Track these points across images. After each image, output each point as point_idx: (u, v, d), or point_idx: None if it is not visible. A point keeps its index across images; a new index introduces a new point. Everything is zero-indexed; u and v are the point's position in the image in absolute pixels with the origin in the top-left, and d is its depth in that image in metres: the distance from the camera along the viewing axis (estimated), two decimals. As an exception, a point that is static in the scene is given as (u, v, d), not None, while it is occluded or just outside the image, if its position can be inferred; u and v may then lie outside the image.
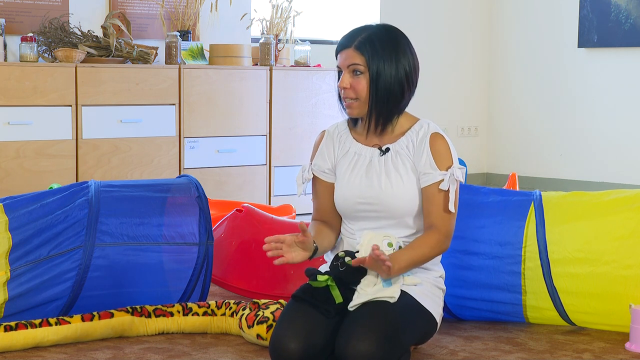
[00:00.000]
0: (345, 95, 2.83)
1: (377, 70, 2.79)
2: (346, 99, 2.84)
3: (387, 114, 2.84)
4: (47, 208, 3.18)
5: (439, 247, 2.80)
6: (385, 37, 2.81)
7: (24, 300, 3.10)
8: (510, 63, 7.70)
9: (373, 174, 2.85)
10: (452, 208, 2.79)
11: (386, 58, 2.79)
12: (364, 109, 2.83)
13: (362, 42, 2.80)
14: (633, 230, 3.14)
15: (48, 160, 5.24)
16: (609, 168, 7.10)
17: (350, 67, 2.81)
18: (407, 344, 2.69)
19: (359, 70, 2.80)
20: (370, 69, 2.79)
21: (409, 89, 2.84)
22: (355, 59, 2.80)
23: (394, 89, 2.81)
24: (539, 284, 3.21)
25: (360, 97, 2.81)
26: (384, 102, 2.81)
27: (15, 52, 5.54)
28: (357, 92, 2.81)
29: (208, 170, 5.81)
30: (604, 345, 3.10)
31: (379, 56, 2.79)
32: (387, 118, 2.84)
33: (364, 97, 2.81)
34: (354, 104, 2.83)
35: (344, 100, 2.85)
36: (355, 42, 2.81)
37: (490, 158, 7.91)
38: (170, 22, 6.10)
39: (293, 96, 6.12)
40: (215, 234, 3.73)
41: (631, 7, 6.85)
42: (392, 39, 2.82)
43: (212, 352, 2.99)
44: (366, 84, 2.80)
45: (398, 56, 2.81)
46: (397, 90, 2.81)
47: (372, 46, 2.79)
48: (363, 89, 2.80)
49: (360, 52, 2.79)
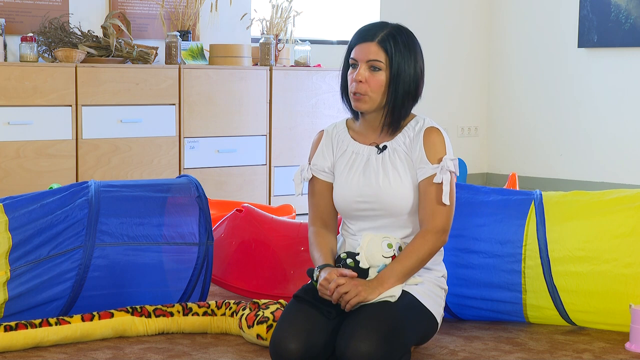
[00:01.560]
0: (357, 89, 2.80)
1: (399, 68, 2.78)
2: (357, 93, 2.81)
3: (404, 112, 2.83)
4: (47, 208, 3.18)
5: (435, 245, 2.79)
6: (405, 37, 2.81)
7: (24, 300, 3.10)
8: (510, 63, 7.70)
9: (371, 172, 2.85)
10: (446, 200, 2.76)
11: (407, 57, 2.79)
12: (373, 104, 2.82)
13: (385, 38, 2.78)
14: (633, 228, 3.14)
15: (48, 160, 5.24)
16: (609, 168, 7.10)
17: (370, 62, 2.78)
18: (408, 344, 2.69)
19: (378, 66, 2.78)
20: (391, 66, 2.78)
21: (422, 89, 2.86)
22: (377, 55, 2.78)
23: (411, 88, 2.81)
24: (539, 282, 3.21)
25: (372, 93, 2.79)
26: (402, 100, 2.80)
27: (15, 52, 5.53)
28: (371, 88, 2.79)
29: (208, 170, 5.80)
30: (604, 345, 3.10)
31: (400, 54, 2.78)
32: (402, 115, 2.84)
33: (377, 93, 2.79)
34: (364, 98, 2.80)
35: (354, 93, 2.82)
36: (379, 37, 2.78)
37: (490, 158, 7.91)
38: (170, 22, 6.09)
39: (293, 96, 6.12)
40: (215, 234, 3.73)
41: (631, 7, 6.84)
42: (410, 39, 2.82)
43: (212, 352, 2.99)
44: (384, 80, 2.78)
45: (416, 56, 2.81)
46: (414, 90, 2.82)
47: (395, 44, 2.78)
48: (378, 86, 2.78)
49: (383, 48, 2.78)
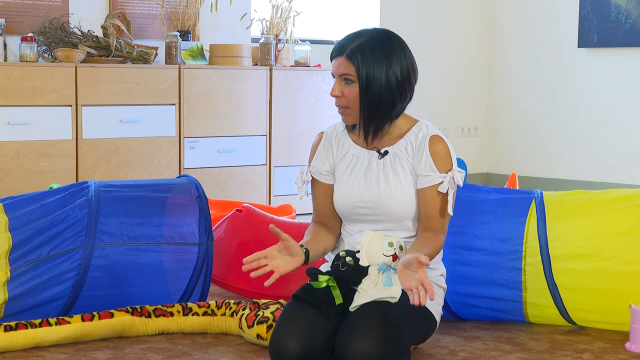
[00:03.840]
0: (338, 103, 2.83)
1: (367, 79, 2.76)
2: (339, 107, 2.83)
3: (379, 122, 2.82)
4: (47, 208, 3.18)
5: (441, 245, 2.82)
6: (377, 45, 2.78)
7: (24, 300, 3.10)
8: (510, 63, 7.70)
9: (372, 177, 2.85)
10: (450, 211, 2.80)
11: (376, 67, 2.76)
12: (356, 116, 2.82)
13: (353, 51, 2.77)
14: (634, 226, 3.15)
15: (48, 160, 5.24)
16: (609, 168, 7.10)
17: (342, 75, 2.79)
18: (408, 344, 2.69)
19: (349, 79, 2.78)
20: (360, 78, 2.77)
21: (401, 96, 2.81)
22: (346, 68, 2.78)
23: (384, 97, 2.78)
24: (540, 280, 3.21)
25: (351, 106, 2.80)
26: (374, 111, 2.80)
27: (15, 52, 5.53)
28: (349, 100, 2.80)
29: (208, 170, 5.80)
30: (604, 345, 3.10)
31: (369, 65, 2.76)
32: (378, 126, 2.83)
33: (356, 105, 2.80)
34: (346, 111, 2.83)
35: (337, 107, 2.85)
36: (347, 50, 2.78)
37: (490, 158, 7.91)
38: (170, 22, 6.10)
39: (293, 96, 6.12)
40: (215, 234, 3.73)
41: (631, 7, 6.84)
42: (384, 46, 2.78)
43: (212, 352, 2.99)
44: (357, 92, 2.78)
45: (390, 63, 2.78)
46: (388, 99, 2.79)
47: (363, 55, 2.76)
48: (354, 98, 2.79)
49: (350, 61, 2.77)
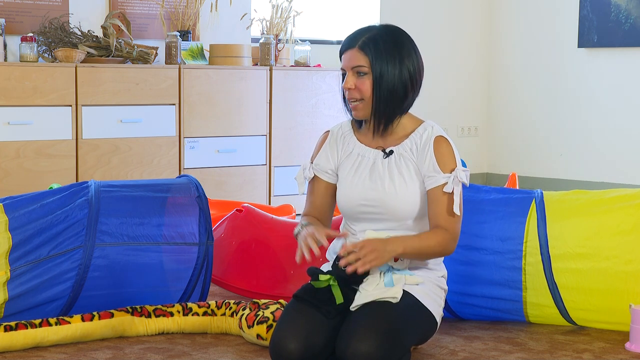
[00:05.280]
0: (350, 97, 2.83)
1: (381, 70, 2.78)
2: (351, 100, 2.84)
3: (390, 114, 2.83)
4: (47, 208, 3.18)
5: (445, 245, 2.79)
6: (389, 38, 2.81)
7: (24, 300, 3.10)
8: (510, 63, 7.70)
9: (377, 176, 2.85)
10: (457, 210, 2.78)
11: (390, 59, 2.79)
12: (369, 110, 2.83)
13: (366, 42, 2.79)
14: (634, 226, 3.15)
15: (48, 160, 5.24)
16: (609, 168, 7.10)
17: (355, 68, 2.80)
18: (408, 344, 2.69)
19: (362, 71, 2.79)
20: (373, 69, 2.78)
21: (412, 90, 2.84)
22: (359, 60, 2.79)
23: (397, 89, 2.80)
24: (540, 279, 3.21)
25: (365, 98, 2.81)
26: (387, 103, 2.81)
27: (15, 52, 5.53)
28: (362, 93, 2.81)
29: (208, 170, 5.80)
30: (604, 345, 3.10)
31: (382, 57, 2.78)
32: (389, 118, 2.84)
33: (369, 97, 2.81)
34: (359, 105, 2.83)
35: (349, 101, 2.85)
36: (359, 42, 2.80)
37: (490, 158, 7.91)
38: (170, 22, 6.09)
39: (293, 96, 6.12)
40: (215, 234, 3.73)
41: (631, 7, 6.84)
42: (396, 40, 2.81)
43: (212, 352, 2.99)
44: (370, 84, 2.79)
45: (402, 57, 2.80)
46: (401, 91, 2.81)
47: (376, 47, 2.78)
48: (367, 90, 2.80)
49: (364, 52, 2.79)
